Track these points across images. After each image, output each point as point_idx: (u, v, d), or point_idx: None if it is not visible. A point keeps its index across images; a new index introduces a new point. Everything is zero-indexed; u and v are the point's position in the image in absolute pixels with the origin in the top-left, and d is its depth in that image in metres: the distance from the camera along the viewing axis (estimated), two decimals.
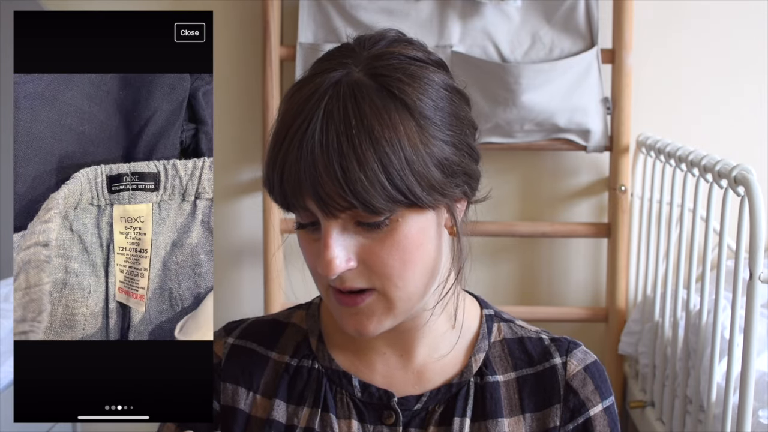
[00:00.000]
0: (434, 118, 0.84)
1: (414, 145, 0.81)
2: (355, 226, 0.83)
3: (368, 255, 0.84)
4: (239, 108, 2.39)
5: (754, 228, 1.47)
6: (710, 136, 2.33)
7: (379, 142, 0.80)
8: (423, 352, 0.96)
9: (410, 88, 0.83)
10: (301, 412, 0.95)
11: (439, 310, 0.94)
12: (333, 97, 0.82)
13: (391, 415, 0.94)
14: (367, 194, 0.80)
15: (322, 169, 0.80)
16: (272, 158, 0.83)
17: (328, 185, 0.80)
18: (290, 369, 0.97)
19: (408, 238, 0.84)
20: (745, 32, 2.33)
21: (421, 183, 0.82)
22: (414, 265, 0.85)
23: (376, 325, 0.87)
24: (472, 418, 0.94)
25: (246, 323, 1.01)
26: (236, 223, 2.43)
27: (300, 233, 0.87)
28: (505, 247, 2.42)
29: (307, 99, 0.82)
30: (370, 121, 0.80)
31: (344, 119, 0.80)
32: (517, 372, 0.96)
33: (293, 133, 0.81)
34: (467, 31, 2.23)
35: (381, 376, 0.96)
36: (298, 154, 0.81)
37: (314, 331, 0.98)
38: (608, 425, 0.95)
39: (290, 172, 0.81)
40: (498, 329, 0.98)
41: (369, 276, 0.85)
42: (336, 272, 0.83)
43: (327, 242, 0.83)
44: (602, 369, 0.97)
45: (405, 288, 0.86)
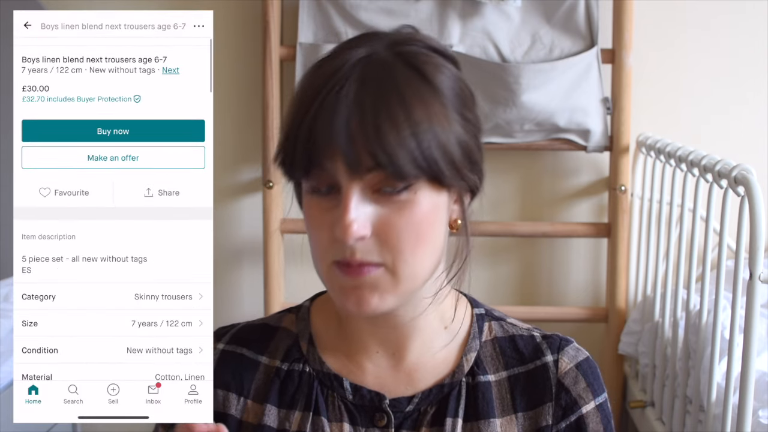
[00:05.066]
0: (454, 102, 0.87)
1: (440, 122, 0.84)
2: (374, 195, 0.84)
3: (384, 226, 0.84)
4: (239, 108, 2.39)
5: (754, 228, 1.47)
6: (710, 136, 2.34)
7: (411, 110, 0.82)
8: (415, 351, 0.95)
9: (435, 71, 0.86)
10: (292, 417, 0.94)
11: (432, 308, 0.93)
12: (366, 67, 0.85)
13: (383, 417, 0.93)
14: (397, 155, 0.81)
15: (355, 125, 0.82)
16: (298, 117, 0.85)
17: (360, 142, 0.82)
18: (281, 373, 0.96)
19: (423, 213, 0.85)
20: (745, 32, 2.33)
21: (445, 157, 0.84)
22: (425, 243, 0.86)
23: (379, 301, 0.86)
24: (464, 418, 0.93)
25: (236, 328, 1.00)
26: (236, 223, 2.43)
27: (311, 203, 0.87)
28: (505, 247, 2.43)
29: (338, 68, 0.85)
30: (403, 90, 0.83)
31: (379, 85, 0.83)
32: (509, 371, 0.95)
33: (326, 93, 0.83)
34: (467, 31, 2.23)
35: (372, 377, 0.95)
36: (332, 110, 0.82)
37: (305, 334, 0.98)
38: (601, 422, 0.95)
39: (322, 127, 0.83)
40: (489, 328, 0.98)
41: (381, 250, 0.85)
42: (354, 236, 0.83)
43: (347, 204, 0.83)
44: (594, 366, 0.97)
45: (414, 265, 0.86)
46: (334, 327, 0.97)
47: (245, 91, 2.39)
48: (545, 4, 2.23)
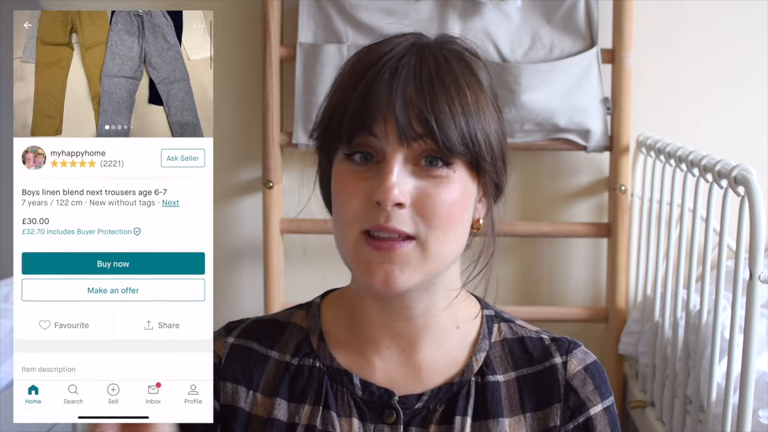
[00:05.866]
0: (494, 100, 0.92)
1: (485, 111, 0.89)
2: (415, 168, 0.87)
3: (421, 199, 0.86)
4: (239, 108, 2.39)
5: (754, 228, 1.47)
6: (710, 135, 2.33)
7: (464, 92, 0.87)
8: (426, 349, 0.96)
9: (479, 68, 0.91)
10: (302, 410, 0.95)
11: (444, 305, 0.94)
12: (423, 47, 0.89)
13: (392, 413, 0.94)
14: (447, 127, 0.85)
15: (413, 91, 0.86)
16: (353, 84, 0.88)
17: (414, 109, 0.85)
18: (291, 368, 0.97)
19: (458, 194, 0.88)
20: (744, 32, 2.33)
21: (486, 142, 0.89)
22: (457, 224, 0.89)
23: (407, 277, 0.87)
24: (473, 417, 0.94)
25: (246, 323, 1.01)
26: (236, 223, 2.43)
27: (345, 170, 0.89)
28: (505, 247, 2.42)
29: (394, 46, 0.89)
30: (456, 73, 0.88)
31: (435, 63, 0.88)
32: (518, 372, 0.96)
33: (385, 62, 0.87)
34: (467, 31, 2.22)
35: (382, 374, 0.96)
36: (391, 75, 0.86)
37: (315, 330, 0.99)
38: (609, 425, 0.95)
39: (379, 90, 0.86)
40: (498, 329, 0.99)
41: (415, 221, 0.86)
42: (395, 199, 0.85)
43: (392, 168, 0.86)
44: (602, 369, 0.98)
45: (444, 243, 0.88)
46: (345, 323, 0.98)
47: (245, 91, 2.39)
48: (545, 4, 2.23)
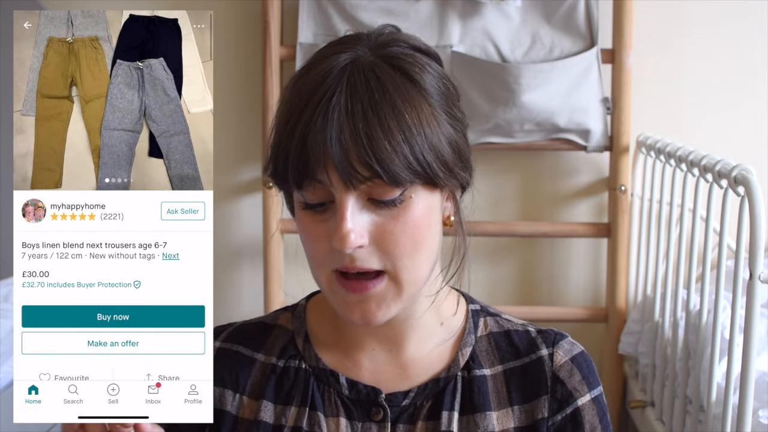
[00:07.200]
0: (440, 102, 0.88)
1: (429, 123, 0.85)
2: (368, 203, 0.85)
3: (381, 233, 0.85)
4: (239, 108, 2.39)
5: (754, 228, 1.47)
6: (710, 135, 2.33)
7: (402, 115, 0.84)
8: (412, 347, 0.96)
9: (420, 72, 0.87)
10: (288, 412, 0.95)
11: (428, 303, 0.94)
12: (354, 72, 0.85)
13: (379, 411, 0.94)
14: (391, 163, 0.82)
15: (348, 136, 0.82)
16: (289, 130, 0.85)
17: (354, 153, 0.82)
18: (277, 370, 0.97)
19: (419, 217, 0.86)
20: (745, 32, 2.33)
21: (437, 158, 0.85)
22: (423, 246, 0.87)
23: (385, 311, 0.88)
24: (460, 412, 0.94)
25: (232, 327, 1.01)
26: (236, 223, 2.43)
27: (305, 216, 0.87)
28: (505, 247, 2.42)
29: (325, 75, 0.85)
30: (393, 96, 0.84)
31: (368, 92, 0.84)
32: (504, 365, 0.96)
33: (317, 102, 0.84)
34: (467, 31, 2.22)
35: (368, 373, 0.96)
36: (323, 122, 0.83)
37: (300, 331, 0.99)
38: (597, 414, 0.95)
39: (315, 140, 0.83)
40: (484, 323, 0.99)
41: (380, 256, 0.86)
42: (352, 246, 0.83)
43: (343, 215, 0.84)
44: (589, 359, 0.98)
45: (414, 270, 0.87)
46: (330, 324, 0.98)
47: (245, 91, 2.38)
48: (545, 4, 2.23)
